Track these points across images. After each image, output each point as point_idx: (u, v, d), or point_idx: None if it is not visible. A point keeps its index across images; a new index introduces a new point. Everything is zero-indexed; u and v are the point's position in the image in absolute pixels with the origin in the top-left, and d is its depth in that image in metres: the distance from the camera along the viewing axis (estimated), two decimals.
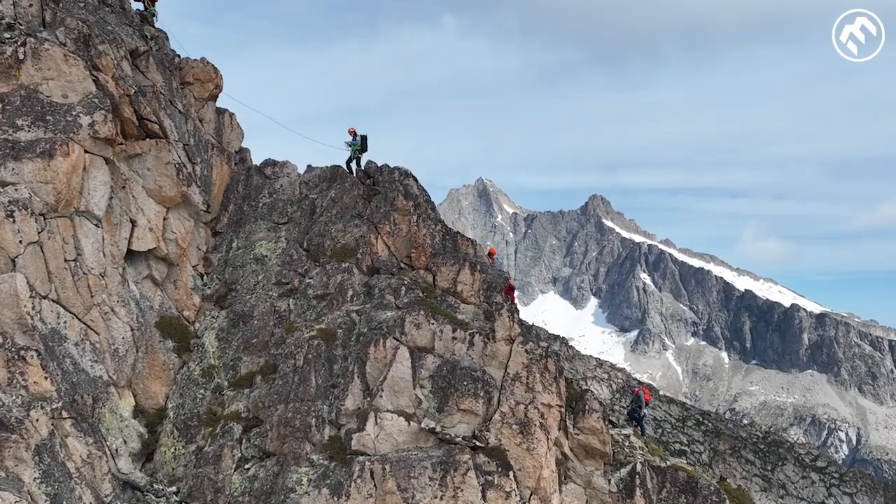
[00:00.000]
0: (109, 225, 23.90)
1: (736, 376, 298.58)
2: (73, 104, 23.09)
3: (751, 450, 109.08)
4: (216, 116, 29.89)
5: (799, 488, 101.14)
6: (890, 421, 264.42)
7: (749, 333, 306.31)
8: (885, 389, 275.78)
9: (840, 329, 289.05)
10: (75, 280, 22.54)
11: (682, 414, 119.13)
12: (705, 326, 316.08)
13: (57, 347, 21.73)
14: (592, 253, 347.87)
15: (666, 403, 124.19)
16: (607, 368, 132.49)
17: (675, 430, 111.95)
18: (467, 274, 24.29)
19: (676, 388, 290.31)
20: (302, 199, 28.60)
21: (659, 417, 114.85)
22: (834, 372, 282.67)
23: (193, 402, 23.79)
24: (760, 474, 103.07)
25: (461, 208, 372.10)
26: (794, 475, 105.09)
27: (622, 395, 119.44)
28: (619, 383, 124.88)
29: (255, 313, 25.23)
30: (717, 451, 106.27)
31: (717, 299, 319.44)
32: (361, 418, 21.38)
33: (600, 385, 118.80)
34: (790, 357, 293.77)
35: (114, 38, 24.92)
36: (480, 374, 21.88)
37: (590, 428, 22.60)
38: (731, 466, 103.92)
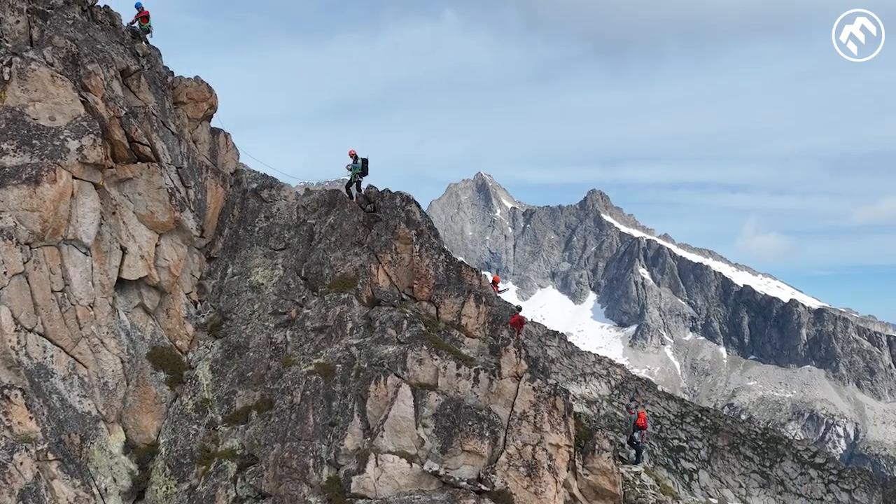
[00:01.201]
0: (99, 253, 22.91)
1: (734, 371, 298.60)
2: (60, 127, 22.12)
3: (749, 446, 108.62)
4: (211, 137, 28.79)
5: (797, 485, 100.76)
6: (888, 416, 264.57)
7: (747, 328, 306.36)
8: (883, 385, 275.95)
9: (838, 324, 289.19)
10: (63, 312, 21.62)
11: (680, 410, 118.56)
12: (704, 321, 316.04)
13: (43, 383, 20.82)
14: (591, 248, 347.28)
15: (665, 399, 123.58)
16: (606, 364, 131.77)
17: (673, 426, 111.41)
18: (472, 306, 23.31)
19: (675, 383, 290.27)
20: (300, 224, 27.59)
21: (658, 413, 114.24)
22: (832, 367, 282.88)
23: (186, 438, 22.86)
24: (759, 470, 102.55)
25: (460, 203, 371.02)
26: (793, 471, 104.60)
27: (621, 391, 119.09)
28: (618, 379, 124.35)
29: (251, 345, 24.29)
30: (716, 448, 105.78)
31: (716, 294, 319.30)
32: (361, 460, 20.48)
33: (599, 381, 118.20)
34: (788, 352, 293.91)
35: (103, 58, 23.92)
36: (486, 413, 20.94)
37: (600, 468, 21.71)
38: (730, 463, 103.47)
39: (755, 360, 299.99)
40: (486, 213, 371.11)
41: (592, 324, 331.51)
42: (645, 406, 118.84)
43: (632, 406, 38.64)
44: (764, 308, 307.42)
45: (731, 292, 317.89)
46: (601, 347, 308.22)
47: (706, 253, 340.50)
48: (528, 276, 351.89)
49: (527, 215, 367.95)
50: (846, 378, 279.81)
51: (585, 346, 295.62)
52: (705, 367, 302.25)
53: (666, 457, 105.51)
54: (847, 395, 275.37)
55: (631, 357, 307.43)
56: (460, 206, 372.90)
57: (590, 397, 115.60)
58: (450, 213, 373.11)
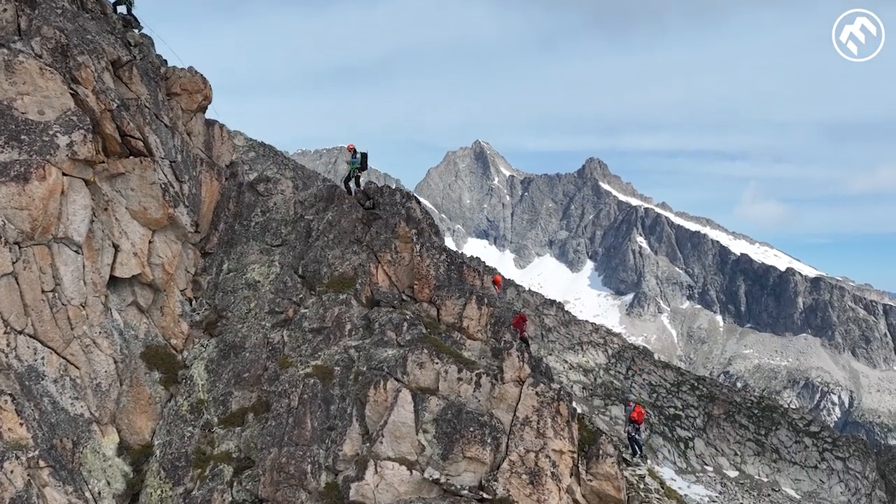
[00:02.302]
0: (90, 251, 22.27)
1: (730, 339, 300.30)
2: (50, 122, 21.37)
3: (745, 414, 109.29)
4: (205, 129, 27.94)
5: (792, 453, 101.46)
6: (882, 384, 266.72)
7: (744, 297, 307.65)
8: (878, 353, 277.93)
9: (835, 293, 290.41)
10: (54, 312, 21.07)
11: (677, 379, 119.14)
12: (701, 290, 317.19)
13: (34, 386, 20.31)
14: (589, 216, 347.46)
15: (661, 368, 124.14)
16: (603, 333, 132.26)
17: (669, 394, 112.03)
18: (474, 308, 22.77)
19: (671, 351, 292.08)
20: (297, 219, 26.92)
21: (654, 382, 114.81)
22: (828, 336, 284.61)
23: (181, 440, 22.43)
24: (754, 439, 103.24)
25: (458, 171, 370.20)
26: (788, 440, 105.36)
27: (618, 359, 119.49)
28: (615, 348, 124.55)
29: (247, 345, 23.78)
30: (712, 416, 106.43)
31: (713, 263, 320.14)
32: (360, 466, 20.09)
33: (596, 350, 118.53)
34: (785, 321, 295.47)
35: (94, 49, 23.07)
36: (488, 419, 20.51)
37: (604, 474, 21.34)
38: (725, 431, 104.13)
39: (751, 329, 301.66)
40: (484, 181, 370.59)
41: (590, 292, 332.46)
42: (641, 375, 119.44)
43: (630, 398, 38.73)
44: (761, 276, 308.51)
45: (728, 261, 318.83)
46: (598, 315, 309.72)
47: (704, 221, 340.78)
48: (525, 244, 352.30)
49: (525, 183, 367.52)
50: (842, 346, 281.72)
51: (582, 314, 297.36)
52: (702, 336, 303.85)
53: (662, 425, 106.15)
54: (842, 363, 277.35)
55: (628, 325, 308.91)
56: (458, 174, 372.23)
57: (587, 366, 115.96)
58: (448, 180, 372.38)
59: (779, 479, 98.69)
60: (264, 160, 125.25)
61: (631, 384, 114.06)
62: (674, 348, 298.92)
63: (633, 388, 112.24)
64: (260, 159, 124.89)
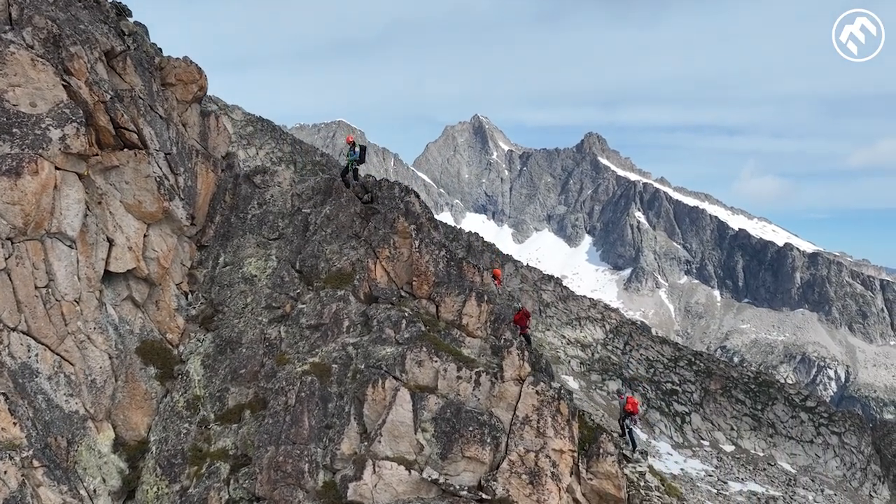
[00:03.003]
0: (84, 245, 21.93)
1: (728, 314, 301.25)
2: (42, 115, 20.95)
3: (741, 389, 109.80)
4: (201, 119, 27.41)
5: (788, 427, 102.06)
6: (878, 359, 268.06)
7: (742, 272, 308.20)
8: (874, 328, 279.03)
9: (832, 268, 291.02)
10: (47, 308, 20.79)
11: (674, 354, 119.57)
12: (698, 265, 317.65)
13: (28, 384, 20.06)
14: (587, 191, 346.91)
15: (658, 344, 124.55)
16: (601, 309, 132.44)
17: (667, 369, 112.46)
18: (473, 305, 22.45)
19: (668, 326, 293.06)
20: (294, 212, 26.54)
21: (651, 357, 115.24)
22: (825, 311, 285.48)
23: (177, 436, 22.23)
24: (750, 413, 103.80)
25: (456, 145, 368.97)
26: (784, 414, 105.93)
27: (615, 335, 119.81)
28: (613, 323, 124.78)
29: (244, 340, 23.51)
30: (708, 391, 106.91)
31: (711, 238, 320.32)
32: (359, 466, 19.90)
33: (594, 325, 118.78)
34: (782, 296, 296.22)
35: (87, 39, 22.58)
36: (487, 418, 20.27)
37: (604, 472, 21.19)
38: (722, 406, 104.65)
39: (749, 304, 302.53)
40: (483, 155, 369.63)
41: (587, 267, 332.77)
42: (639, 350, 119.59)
43: (623, 391, 38.75)
44: (759, 252, 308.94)
45: (726, 236, 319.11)
46: (596, 290, 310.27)
47: (702, 196, 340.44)
48: (524, 219, 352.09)
49: (523, 158, 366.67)
50: (839, 321, 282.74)
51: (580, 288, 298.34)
52: (699, 311, 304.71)
53: (659, 400, 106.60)
54: (839, 338, 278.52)
55: (625, 300, 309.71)
56: (457, 149, 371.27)
57: (584, 341, 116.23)
58: (446, 155, 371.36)
59: (774, 453, 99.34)
60: (262, 135, 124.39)
61: (628, 359, 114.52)
62: (671, 323, 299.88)
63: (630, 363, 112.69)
64: (258, 134, 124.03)
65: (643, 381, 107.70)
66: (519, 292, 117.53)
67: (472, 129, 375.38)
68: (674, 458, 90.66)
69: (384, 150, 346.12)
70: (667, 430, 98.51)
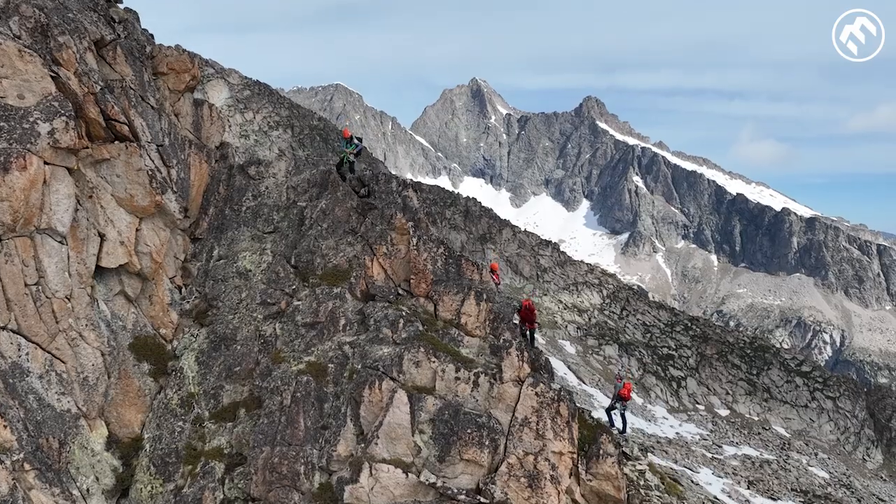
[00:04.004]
0: (75, 241, 21.48)
1: (724, 279, 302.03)
2: (30, 108, 20.44)
3: (737, 354, 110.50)
4: (194, 109, 26.78)
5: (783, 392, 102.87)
6: (874, 324, 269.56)
7: (739, 237, 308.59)
8: (870, 293, 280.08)
9: (829, 233, 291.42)
10: (38, 306, 20.43)
11: (670, 319, 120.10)
12: (696, 229, 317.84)
13: (18, 383, 19.77)
14: (585, 155, 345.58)
15: (655, 309, 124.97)
16: (598, 274, 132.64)
17: (663, 334, 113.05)
18: (472, 304, 22.06)
19: (665, 291, 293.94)
20: (289, 205, 26.05)
21: (648, 322, 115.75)
22: (821, 275, 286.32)
23: (171, 435, 21.99)
24: (746, 378, 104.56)
25: (454, 109, 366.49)
26: (779, 379, 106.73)
27: (612, 300, 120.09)
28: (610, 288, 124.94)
29: (239, 337, 23.18)
30: (704, 356, 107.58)
31: (709, 202, 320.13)
32: (355, 468, 19.72)
33: (591, 290, 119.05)
34: (779, 260, 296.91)
35: (76, 28, 21.99)
36: (486, 420, 20.01)
37: (604, 473, 21.00)
38: (718, 371, 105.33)
39: (745, 268, 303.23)
40: (481, 119, 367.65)
41: (585, 231, 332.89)
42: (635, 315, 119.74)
43: (622, 374, 38.73)
44: (756, 216, 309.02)
45: (723, 200, 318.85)
46: (593, 255, 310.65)
47: (700, 161, 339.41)
48: (521, 183, 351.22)
49: (521, 122, 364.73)
50: (835, 286, 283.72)
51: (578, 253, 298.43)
52: (696, 275, 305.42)
53: (655, 364, 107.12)
54: (835, 302, 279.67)
55: (622, 264, 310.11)
56: (455, 113, 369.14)
57: (581, 306, 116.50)
58: (444, 119, 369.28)
59: (769, 417, 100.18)
60: (259, 99, 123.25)
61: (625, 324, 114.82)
62: (668, 287, 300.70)
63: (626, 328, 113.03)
64: (255, 98, 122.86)
65: (639, 346, 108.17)
66: (517, 257, 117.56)
67: (470, 93, 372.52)
68: (669, 423, 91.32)
69: (382, 114, 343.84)
70: (662, 394, 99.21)
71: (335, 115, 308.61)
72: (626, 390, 29.01)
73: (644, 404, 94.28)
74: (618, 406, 29.35)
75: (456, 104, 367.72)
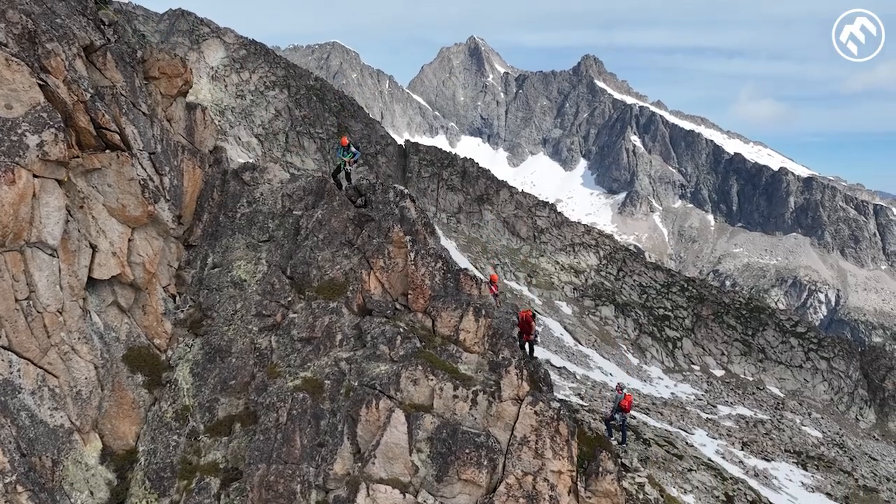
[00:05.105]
0: (66, 253, 21.03)
1: (721, 238, 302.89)
2: (18, 119, 19.89)
3: (733, 315, 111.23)
4: (186, 113, 26.13)
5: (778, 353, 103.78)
6: (869, 283, 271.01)
7: (736, 196, 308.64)
8: (866, 252, 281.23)
9: (826, 193, 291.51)
10: (29, 321, 20.01)
11: (667, 280, 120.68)
12: (693, 189, 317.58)
13: (10, 401, 19.39)
14: (583, 114, 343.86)
15: (652, 270, 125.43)
16: (595, 235, 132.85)
17: (659, 295, 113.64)
18: (471, 320, 21.78)
19: (662, 250, 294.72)
20: (285, 213, 25.63)
21: (644, 283, 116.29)
22: (818, 235, 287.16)
23: (166, 449, 21.83)
24: (741, 339, 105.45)
25: (452, 67, 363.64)
26: (774, 340, 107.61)
27: (609, 261, 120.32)
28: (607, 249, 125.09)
29: (234, 349, 22.92)
30: (700, 317, 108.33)
31: (707, 162, 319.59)
32: (352, 488, 19.64)
33: (587, 251, 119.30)
34: (775, 220, 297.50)
35: (64, 34, 21.33)
36: (484, 439, 19.89)
37: (603, 491, 20.96)
38: (713, 331, 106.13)
39: (742, 228, 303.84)
40: (479, 78, 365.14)
41: (582, 191, 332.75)
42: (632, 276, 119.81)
43: (622, 385, 38.42)
44: (753, 176, 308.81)
45: (721, 160, 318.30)
46: (590, 214, 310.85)
47: (698, 120, 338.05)
48: (519, 142, 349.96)
49: (519, 81, 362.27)
50: (831, 246, 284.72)
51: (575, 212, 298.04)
52: (692, 235, 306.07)
53: (651, 325, 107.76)
54: (831, 262, 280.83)
55: (619, 224, 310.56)
56: (452, 71, 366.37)
57: (578, 267, 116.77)
58: (441, 77, 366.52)
59: (764, 378, 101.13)
60: (255, 59, 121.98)
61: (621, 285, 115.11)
62: (664, 247, 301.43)
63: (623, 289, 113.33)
64: (251, 58, 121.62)
65: (636, 307, 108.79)
66: (514, 218, 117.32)
67: (467, 51, 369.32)
68: (664, 383, 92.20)
69: (379, 72, 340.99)
70: (658, 355, 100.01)
71: (332, 74, 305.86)
72: (627, 402, 28.99)
73: (640, 365, 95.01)
74: (617, 417, 29.34)
75: (453, 63, 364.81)
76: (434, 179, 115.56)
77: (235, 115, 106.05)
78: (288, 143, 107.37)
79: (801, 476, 61.94)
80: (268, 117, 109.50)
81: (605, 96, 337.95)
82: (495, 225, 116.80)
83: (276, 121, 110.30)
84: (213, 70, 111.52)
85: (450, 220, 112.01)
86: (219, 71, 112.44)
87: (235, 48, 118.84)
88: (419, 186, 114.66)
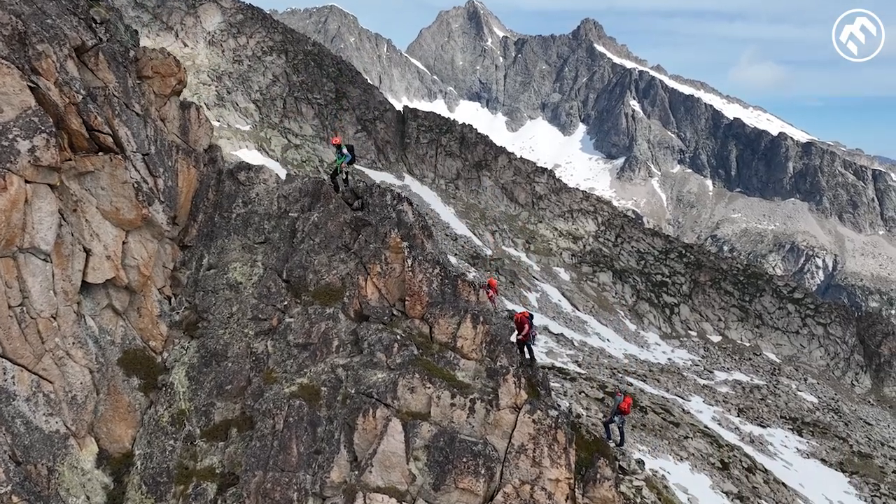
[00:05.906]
0: (60, 258, 20.76)
1: (719, 204, 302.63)
2: (9, 123, 19.51)
3: (730, 281, 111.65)
4: (180, 113, 25.64)
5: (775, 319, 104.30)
6: (866, 248, 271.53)
7: (735, 161, 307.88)
8: (864, 218, 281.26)
9: (825, 158, 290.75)
10: (23, 327, 19.82)
11: (665, 246, 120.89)
12: (692, 154, 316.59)
13: (5, 408, 19.22)
14: (582, 79, 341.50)
15: (650, 236, 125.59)
16: (594, 201, 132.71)
17: (657, 261, 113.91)
18: (469, 327, 21.58)
19: (660, 215, 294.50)
20: (280, 215, 25.30)
21: (643, 250, 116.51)
22: (816, 200, 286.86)
23: (162, 453, 21.74)
24: (738, 305, 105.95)
25: (450, 31, 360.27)
26: (771, 306, 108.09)
27: (607, 227, 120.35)
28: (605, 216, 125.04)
29: (230, 353, 22.76)
30: (698, 283, 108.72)
31: (706, 127, 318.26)
32: (349, 496, 19.61)
33: (586, 218, 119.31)
34: (774, 185, 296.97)
35: (55, 35, 20.89)
36: (482, 448, 19.82)
37: (601, 497, 20.95)
38: (711, 297, 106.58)
39: (740, 193, 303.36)
40: (478, 42, 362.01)
41: (581, 155, 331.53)
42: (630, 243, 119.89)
43: (621, 388, 38.74)
44: (752, 141, 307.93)
45: (720, 125, 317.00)
46: (588, 179, 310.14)
47: (698, 85, 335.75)
48: (518, 107, 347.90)
49: (518, 45, 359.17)
50: (829, 211, 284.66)
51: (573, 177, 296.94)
52: (691, 200, 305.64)
53: (648, 291, 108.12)
54: (828, 227, 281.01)
55: (618, 189, 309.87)
56: (451, 35, 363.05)
57: (576, 233, 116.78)
58: (440, 41, 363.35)
59: (760, 344, 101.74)
60: (252, 23, 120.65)
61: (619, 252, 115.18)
62: (663, 212, 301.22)
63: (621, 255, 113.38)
64: (248, 22, 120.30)
65: (634, 273, 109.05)
66: (512, 185, 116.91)
67: (466, 15, 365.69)
68: (661, 349, 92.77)
69: (377, 36, 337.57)
70: (655, 320, 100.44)
71: (329, 38, 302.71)
72: (626, 404, 29.04)
73: (637, 330, 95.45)
74: (616, 419, 29.40)
75: (452, 26, 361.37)
76: (433, 145, 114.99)
77: (233, 80, 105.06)
78: (286, 109, 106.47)
79: (797, 442, 62.60)
80: (265, 83, 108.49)
81: (604, 60, 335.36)
82: (494, 191, 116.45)
83: (274, 86, 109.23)
84: (210, 35, 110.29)
85: (448, 187, 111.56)
86: (216, 36, 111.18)
87: (232, 13, 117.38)
88: (417, 153, 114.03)
